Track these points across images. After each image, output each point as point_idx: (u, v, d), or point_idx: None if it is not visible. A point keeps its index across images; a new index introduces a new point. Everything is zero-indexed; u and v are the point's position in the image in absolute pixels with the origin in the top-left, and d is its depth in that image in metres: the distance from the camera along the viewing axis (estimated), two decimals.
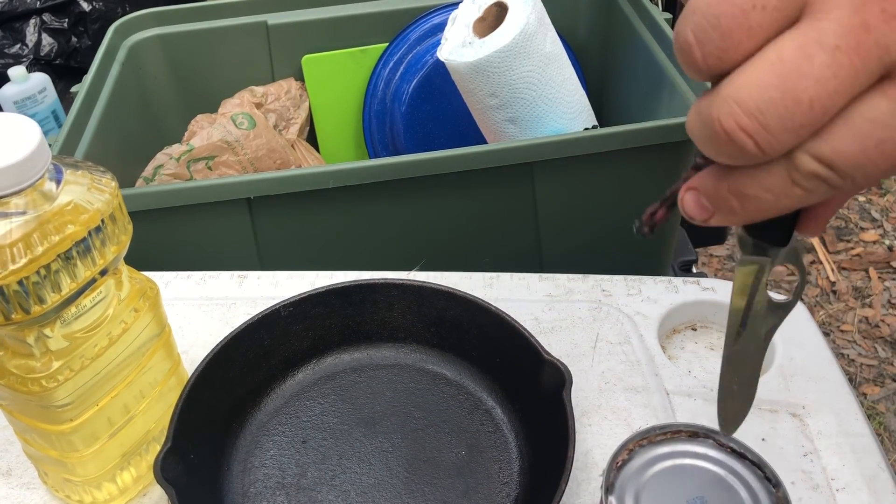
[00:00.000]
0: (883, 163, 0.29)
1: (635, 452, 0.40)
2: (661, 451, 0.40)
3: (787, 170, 0.30)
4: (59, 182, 0.43)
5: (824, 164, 0.29)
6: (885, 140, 0.28)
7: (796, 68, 0.27)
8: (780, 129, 0.28)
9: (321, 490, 0.52)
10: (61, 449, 0.48)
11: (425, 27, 1.04)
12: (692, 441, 0.40)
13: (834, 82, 0.27)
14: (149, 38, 1.03)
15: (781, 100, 0.28)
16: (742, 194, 0.32)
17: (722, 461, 0.40)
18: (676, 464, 0.39)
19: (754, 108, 0.28)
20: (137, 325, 0.49)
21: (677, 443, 0.40)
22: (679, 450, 0.40)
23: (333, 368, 0.59)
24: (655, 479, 0.39)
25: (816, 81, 0.27)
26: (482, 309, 0.56)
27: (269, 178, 0.77)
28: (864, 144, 0.28)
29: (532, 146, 0.78)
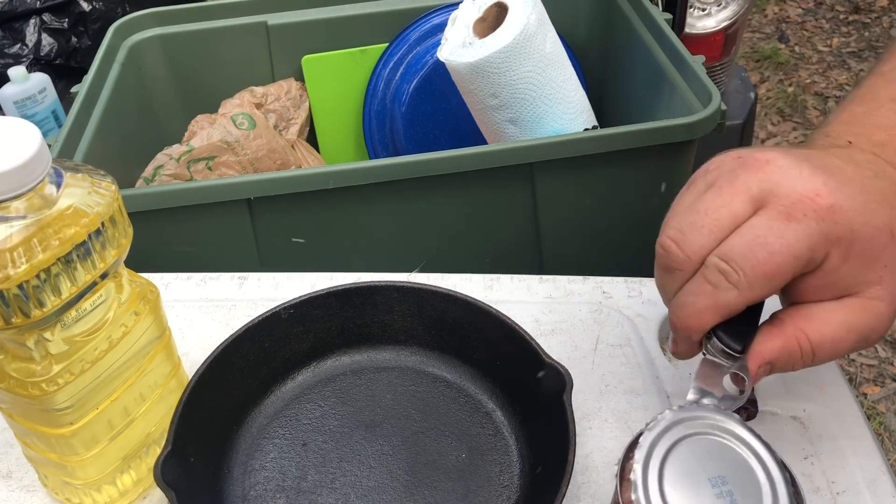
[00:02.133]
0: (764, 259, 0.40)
1: (664, 417, 0.39)
2: (688, 419, 0.39)
3: (702, 272, 0.42)
4: (59, 186, 0.43)
5: (722, 258, 0.41)
6: (760, 238, 0.40)
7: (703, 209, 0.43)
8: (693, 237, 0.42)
9: (321, 493, 0.52)
10: (61, 452, 0.48)
11: (425, 27, 1.04)
12: (719, 413, 0.40)
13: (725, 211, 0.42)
14: (149, 38, 1.03)
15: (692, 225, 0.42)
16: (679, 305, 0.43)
17: (745, 440, 0.39)
18: (702, 437, 0.39)
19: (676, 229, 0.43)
20: (138, 329, 0.49)
21: (706, 412, 0.40)
22: (706, 422, 0.39)
23: (334, 371, 0.59)
24: (679, 452, 0.38)
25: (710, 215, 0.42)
26: (483, 311, 0.56)
27: (269, 179, 0.77)
28: (747, 243, 0.40)
29: (532, 146, 0.78)
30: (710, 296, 0.41)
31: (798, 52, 2.77)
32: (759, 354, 0.43)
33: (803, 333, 0.43)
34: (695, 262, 0.42)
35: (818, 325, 0.42)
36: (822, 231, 0.40)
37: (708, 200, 0.42)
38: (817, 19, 2.93)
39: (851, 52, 2.76)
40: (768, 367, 0.43)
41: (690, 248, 0.42)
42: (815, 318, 0.43)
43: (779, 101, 2.55)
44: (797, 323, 0.43)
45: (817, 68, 2.69)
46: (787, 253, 0.40)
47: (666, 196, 0.85)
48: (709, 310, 0.42)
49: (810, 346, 0.43)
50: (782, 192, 0.41)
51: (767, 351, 0.43)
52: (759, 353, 0.43)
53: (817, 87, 2.61)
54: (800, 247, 0.40)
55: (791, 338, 0.43)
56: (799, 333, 0.43)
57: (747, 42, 2.80)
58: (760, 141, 2.40)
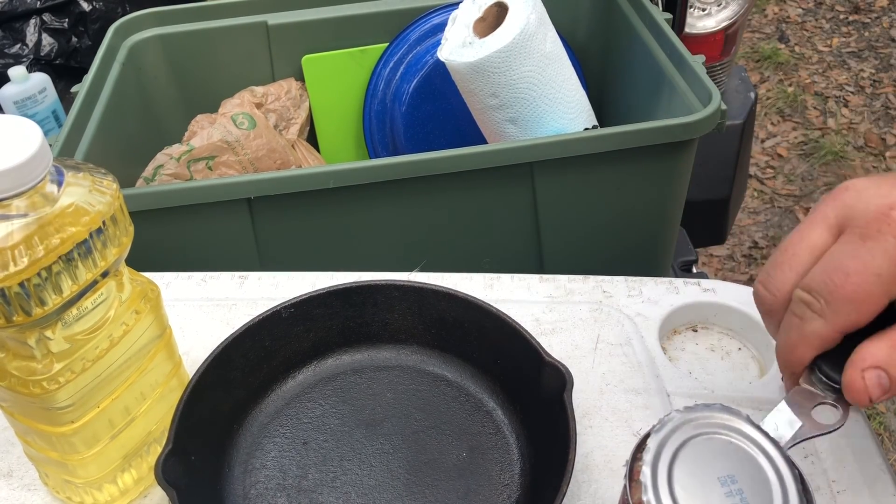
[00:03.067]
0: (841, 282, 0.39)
1: (671, 417, 0.39)
2: (696, 419, 0.39)
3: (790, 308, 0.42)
4: (60, 184, 0.43)
5: (804, 289, 0.41)
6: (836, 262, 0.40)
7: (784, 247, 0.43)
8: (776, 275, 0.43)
9: (322, 492, 0.52)
10: (62, 450, 0.48)
11: (425, 27, 1.04)
12: (726, 412, 0.40)
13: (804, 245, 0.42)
14: (149, 38, 1.03)
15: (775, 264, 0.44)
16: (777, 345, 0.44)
17: (753, 438, 0.39)
18: (710, 437, 0.39)
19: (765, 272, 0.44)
20: (139, 327, 0.49)
21: (713, 412, 0.40)
22: (714, 421, 0.39)
23: (334, 370, 0.59)
24: (688, 451, 0.38)
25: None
26: (483, 310, 0.56)
27: (269, 178, 0.77)
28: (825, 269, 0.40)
29: (532, 146, 0.78)
30: (798, 328, 0.41)
31: (798, 52, 2.77)
32: (862, 359, 0.40)
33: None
34: (781, 301, 0.43)
35: None
36: None
37: (790, 238, 0.43)
38: (817, 19, 2.93)
39: (851, 52, 2.76)
40: (878, 372, 0.39)
41: (775, 287, 0.43)
42: None
43: (779, 101, 2.55)
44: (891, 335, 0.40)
45: (817, 68, 2.69)
46: (865, 272, 0.39)
47: (666, 195, 0.86)
48: (800, 343, 0.41)
49: None
50: (857, 213, 0.40)
51: (871, 354, 0.39)
52: (861, 358, 0.40)
53: (817, 87, 2.61)
54: (878, 264, 0.38)
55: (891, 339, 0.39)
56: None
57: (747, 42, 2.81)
58: (760, 141, 2.40)
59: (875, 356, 0.39)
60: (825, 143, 2.37)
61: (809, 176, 2.28)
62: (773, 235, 2.11)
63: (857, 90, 2.59)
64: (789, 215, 2.17)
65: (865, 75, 2.65)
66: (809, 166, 2.31)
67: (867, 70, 2.67)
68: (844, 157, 2.32)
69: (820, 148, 2.36)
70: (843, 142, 2.38)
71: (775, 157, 2.36)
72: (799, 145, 2.39)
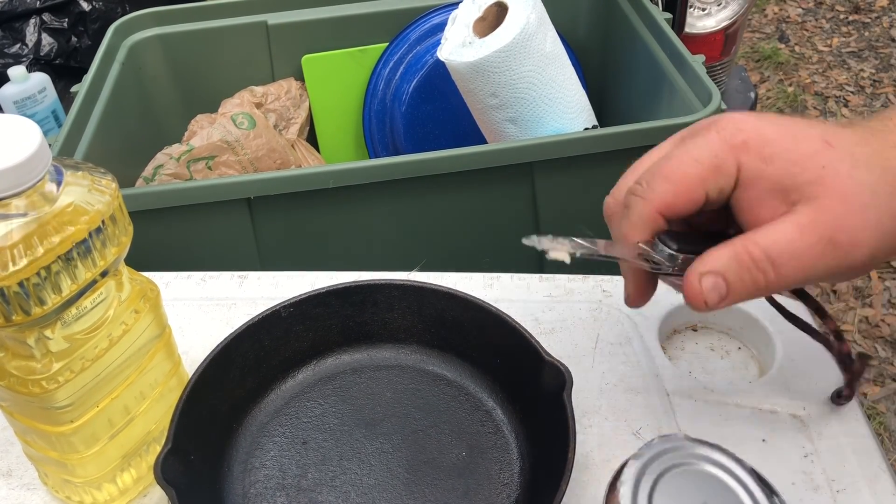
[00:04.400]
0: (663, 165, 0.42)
1: (643, 452, 0.40)
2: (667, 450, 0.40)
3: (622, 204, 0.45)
4: (59, 183, 0.43)
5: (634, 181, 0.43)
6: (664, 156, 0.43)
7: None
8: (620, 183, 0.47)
9: (322, 491, 0.52)
10: (61, 450, 0.48)
11: (425, 27, 1.04)
12: (697, 444, 0.40)
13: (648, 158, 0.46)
14: (149, 38, 1.03)
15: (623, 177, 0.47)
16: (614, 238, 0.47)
17: (729, 468, 0.39)
18: (683, 468, 0.39)
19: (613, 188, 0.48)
20: (138, 327, 0.49)
21: (683, 442, 0.40)
22: (686, 451, 0.40)
23: (334, 369, 0.59)
24: (665, 483, 0.38)
25: None
26: (483, 310, 0.56)
27: (269, 178, 0.77)
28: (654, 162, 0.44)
29: (532, 146, 0.78)
30: (626, 217, 0.43)
31: (798, 52, 2.77)
32: (702, 263, 0.40)
33: (752, 242, 0.40)
34: (620, 203, 0.44)
35: (766, 232, 0.40)
36: (723, 138, 0.40)
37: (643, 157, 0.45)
38: (817, 19, 2.93)
39: (851, 52, 2.76)
40: (715, 278, 0.40)
41: (617, 191, 0.45)
42: (763, 229, 0.40)
43: (779, 101, 2.55)
44: (746, 236, 0.40)
45: (817, 68, 2.69)
46: (685, 155, 0.41)
47: None
48: (629, 230, 0.43)
49: (764, 255, 0.39)
50: (697, 124, 0.43)
51: (712, 260, 0.40)
52: (702, 262, 0.40)
53: (817, 87, 2.61)
54: (699, 152, 0.41)
55: (739, 247, 0.40)
56: (747, 242, 0.40)
57: (747, 42, 2.80)
58: None
59: (715, 262, 0.40)
60: None
61: None
62: None
63: (857, 90, 2.59)
64: None
65: (865, 75, 2.65)
66: None
67: (867, 70, 2.67)
68: None
69: None
70: None
71: None
72: None
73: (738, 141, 0.40)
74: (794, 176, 0.39)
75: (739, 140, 0.40)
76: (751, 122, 0.41)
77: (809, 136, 0.40)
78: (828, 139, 0.40)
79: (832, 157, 0.39)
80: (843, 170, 0.39)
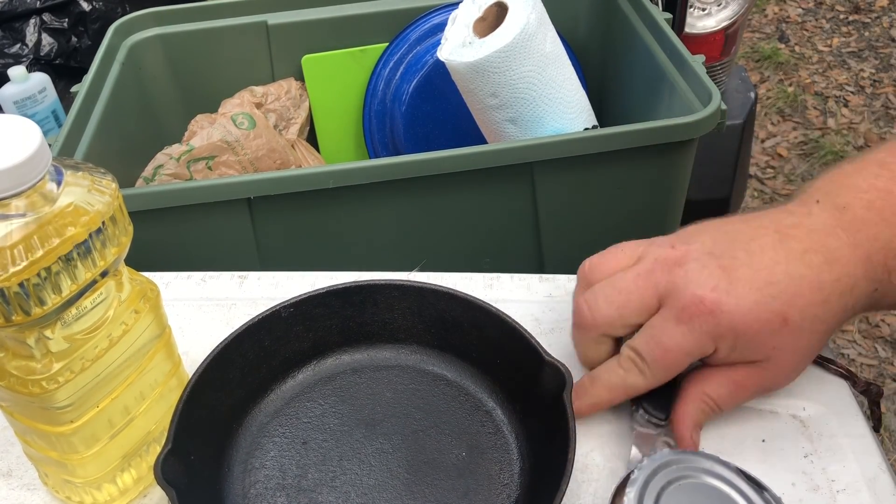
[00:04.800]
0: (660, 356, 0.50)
1: (644, 466, 0.40)
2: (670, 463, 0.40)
3: (617, 358, 0.52)
4: (59, 184, 0.43)
5: (632, 349, 0.51)
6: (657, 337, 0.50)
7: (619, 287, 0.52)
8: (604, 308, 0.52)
9: (322, 491, 0.52)
10: (62, 450, 0.48)
11: (425, 27, 1.04)
12: (699, 456, 0.40)
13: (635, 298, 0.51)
14: (149, 38, 1.03)
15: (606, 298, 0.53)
16: (595, 377, 0.53)
17: (732, 482, 0.40)
18: (685, 481, 0.39)
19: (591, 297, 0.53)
20: (138, 327, 0.49)
21: (685, 455, 0.40)
22: (687, 465, 0.40)
23: (334, 369, 0.59)
24: (669, 495, 0.39)
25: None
26: (483, 310, 0.56)
27: (269, 178, 0.77)
28: (647, 339, 0.50)
29: (532, 146, 0.78)
30: (621, 378, 0.52)
31: (798, 52, 2.77)
32: (688, 418, 0.51)
33: (704, 394, 0.51)
34: (599, 328, 0.52)
35: (714, 386, 0.51)
36: (706, 331, 0.48)
37: (626, 282, 0.51)
38: (817, 19, 2.93)
39: (851, 52, 2.76)
40: (698, 427, 0.52)
41: (601, 316, 0.52)
42: (710, 379, 0.52)
43: (779, 101, 2.55)
44: (697, 386, 0.52)
45: (817, 68, 2.69)
46: (678, 351, 0.49)
47: (666, 195, 0.86)
48: (619, 387, 0.52)
49: (714, 402, 0.51)
50: (678, 294, 0.49)
51: (690, 415, 0.51)
52: (687, 418, 0.51)
53: (817, 87, 2.61)
54: (688, 345, 0.49)
55: (698, 399, 0.51)
56: (701, 395, 0.51)
57: (747, 42, 2.81)
58: (760, 141, 2.40)
59: (694, 419, 0.51)
60: (825, 143, 2.37)
61: (809, 176, 2.27)
62: None
63: (857, 90, 2.59)
64: None
65: (865, 75, 2.65)
66: (809, 166, 2.31)
67: (867, 70, 2.67)
68: (844, 157, 2.32)
69: (820, 148, 2.36)
70: (843, 142, 2.38)
71: (775, 157, 2.36)
72: (799, 145, 2.39)
73: (718, 334, 0.49)
74: (748, 356, 0.50)
75: (719, 333, 0.49)
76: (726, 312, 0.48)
77: (771, 316, 0.48)
78: (786, 315, 0.48)
79: (784, 336, 0.49)
80: (788, 349, 0.49)
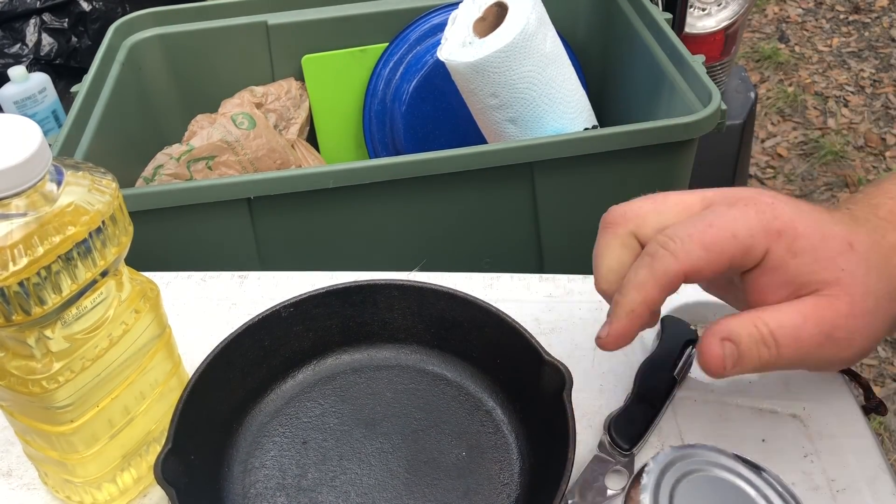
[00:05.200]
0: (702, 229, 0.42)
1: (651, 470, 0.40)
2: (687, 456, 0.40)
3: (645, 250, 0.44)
4: (59, 183, 0.43)
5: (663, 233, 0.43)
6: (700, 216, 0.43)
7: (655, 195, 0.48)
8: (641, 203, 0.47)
9: (321, 491, 0.52)
10: (62, 450, 0.48)
11: (425, 27, 1.04)
12: (700, 449, 0.40)
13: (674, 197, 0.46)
14: (149, 38, 1.03)
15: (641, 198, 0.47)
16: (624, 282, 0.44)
17: (729, 467, 0.39)
18: (700, 475, 0.39)
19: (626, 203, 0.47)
20: (138, 327, 0.49)
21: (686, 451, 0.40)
22: (702, 458, 0.40)
23: (334, 369, 0.59)
24: (683, 489, 0.38)
25: None
26: (483, 310, 0.56)
27: (269, 178, 0.77)
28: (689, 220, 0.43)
29: (532, 146, 0.78)
30: (648, 266, 0.42)
31: (798, 52, 2.77)
32: (722, 327, 0.42)
33: (761, 320, 0.42)
34: (627, 219, 0.44)
35: (774, 314, 0.42)
36: (761, 221, 0.41)
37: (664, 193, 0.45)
38: (817, 19, 2.93)
39: (851, 52, 2.76)
40: (732, 345, 0.42)
41: (630, 209, 0.45)
42: (771, 308, 0.42)
43: (779, 101, 2.55)
44: (756, 314, 0.42)
45: (817, 68, 2.69)
46: (724, 227, 0.41)
47: None
48: (649, 280, 0.42)
49: (769, 331, 0.42)
50: (732, 193, 0.43)
51: (727, 327, 0.42)
52: (721, 327, 0.42)
53: (817, 87, 2.61)
54: (737, 226, 0.41)
55: (748, 320, 0.42)
56: (755, 318, 0.42)
57: (747, 42, 2.80)
58: (760, 141, 2.40)
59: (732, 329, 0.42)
60: (825, 143, 2.37)
61: (809, 176, 2.27)
62: None
63: (857, 90, 2.59)
64: None
65: (865, 75, 2.65)
66: (809, 166, 2.31)
67: (867, 70, 2.67)
68: (844, 156, 2.32)
69: (820, 148, 2.36)
70: (843, 142, 2.38)
71: (775, 157, 2.36)
72: (799, 145, 2.39)
73: (774, 228, 0.41)
74: (813, 273, 0.41)
75: (775, 227, 0.42)
76: (787, 210, 0.42)
77: (835, 235, 0.42)
78: (851, 241, 0.42)
79: (852, 260, 0.41)
80: (858, 275, 0.41)
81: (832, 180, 2.24)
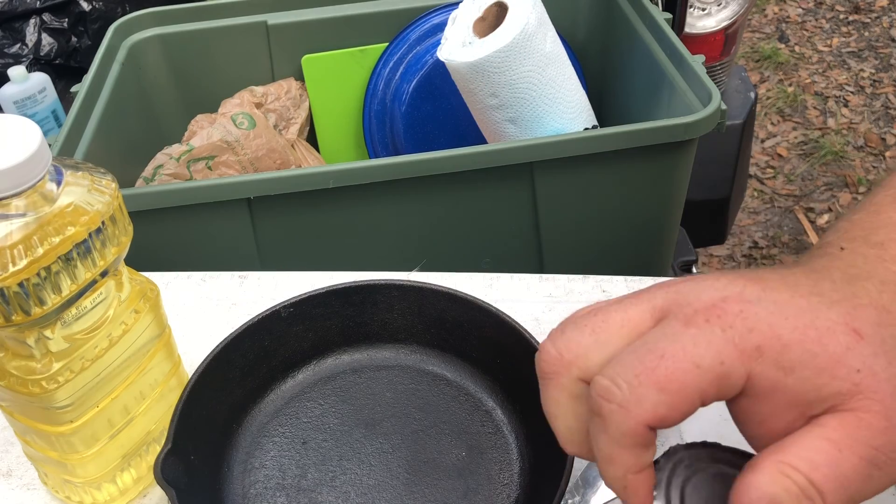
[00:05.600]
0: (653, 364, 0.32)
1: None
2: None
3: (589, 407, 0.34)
4: (59, 184, 0.43)
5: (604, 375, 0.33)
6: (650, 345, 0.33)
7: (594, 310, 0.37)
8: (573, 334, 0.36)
9: (321, 491, 0.52)
10: (61, 450, 0.48)
11: (425, 27, 1.04)
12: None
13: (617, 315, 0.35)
14: (149, 38, 1.03)
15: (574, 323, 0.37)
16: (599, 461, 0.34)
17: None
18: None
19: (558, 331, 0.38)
20: (138, 327, 0.49)
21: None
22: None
23: (334, 369, 0.59)
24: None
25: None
26: (483, 310, 0.56)
27: (269, 178, 0.77)
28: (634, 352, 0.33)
29: (532, 146, 0.78)
30: (604, 431, 0.32)
31: (798, 52, 2.77)
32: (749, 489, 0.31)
33: (783, 464, 0.31)
34: (567, 363, 0.35)
35: (796, 450, 0.31)
36: (731, 340, 0.32)
37: (607, 305, 0.36)
38: (817, 19, 2.93)
39: (851, 52, 2.76)
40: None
41: (565, 346, 0.35)
42: (791, 445, 0.32)
43: (779, 101, 2.55)
44: (773, 455, 0.32)
45: (817, 68, 2.69)
46: (682, 357, 0.31)
47: (666, 195, 0.86)
48: (612, 449, 0.33)
49: (804, 478, 0.31)
50: (687, 300, 0.33)
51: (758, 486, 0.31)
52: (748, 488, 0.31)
53: (817, 87, 2.61)
54: (700, 353, 0.31)
55: (775, 472, 0.31)
56: (778, 465, 0.31)
57: (747, 42, 2.81)
58: (760, 141, 2.40)
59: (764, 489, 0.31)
60: (825, 143, 2.37)
61: (809, 176, 2.28)
62: (773, 235, 2.11)
63: (857, 90, 2.59)
64: (789, 215, 2.17)
65: (865, 75, 2.65)
66: (809, 166, 2.31)
67: (867, 70, 2.67)
68: (844, 157, 2.32)
69: (820, 148, 2.36)
70: (843, 142, 2.38)
71: (775, 157, 2.36)
72: (799, 145, 2.39)
73: (751, 345, 0.32)
74: (820, 388, 0.32)
75: (752, 344, 0.32)
76: (763, 314, 0.32)
77: (833, 327, 0.32)
78: (855, 326, 0.32)
79: (865, 354, 0.32)
80: (879, 371, 0.32)
81: (832, 180, 2.24)
